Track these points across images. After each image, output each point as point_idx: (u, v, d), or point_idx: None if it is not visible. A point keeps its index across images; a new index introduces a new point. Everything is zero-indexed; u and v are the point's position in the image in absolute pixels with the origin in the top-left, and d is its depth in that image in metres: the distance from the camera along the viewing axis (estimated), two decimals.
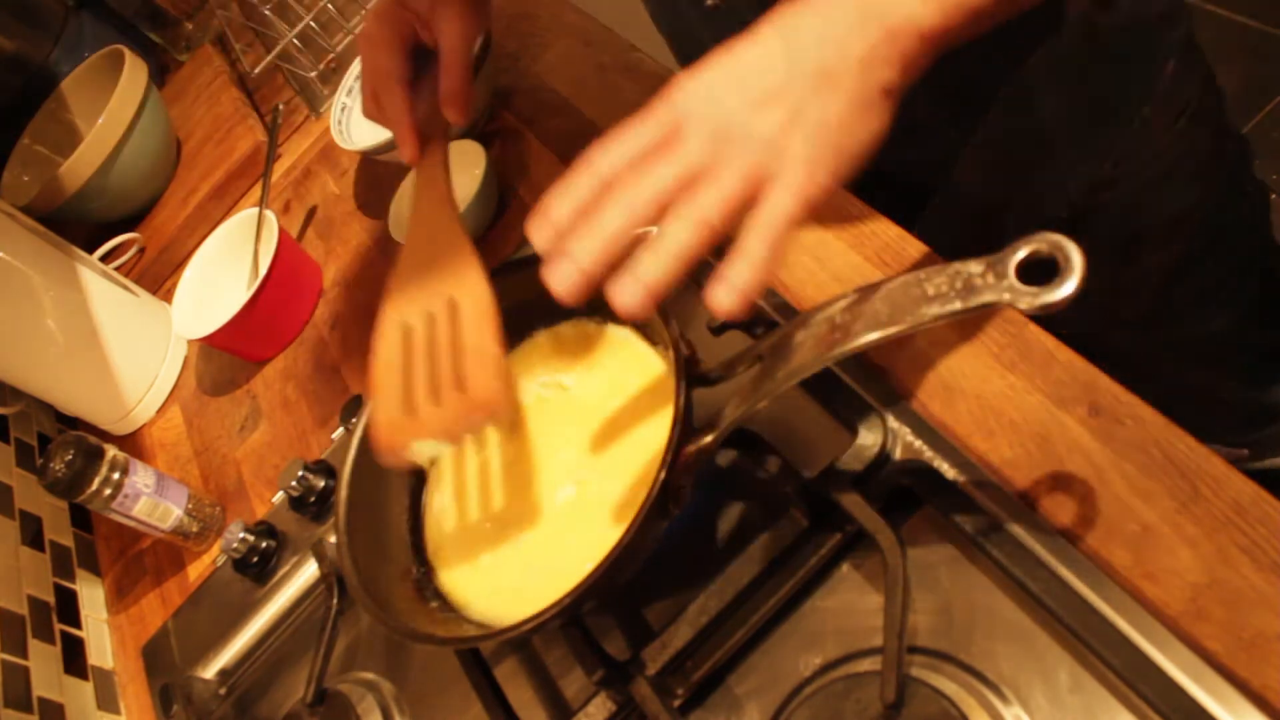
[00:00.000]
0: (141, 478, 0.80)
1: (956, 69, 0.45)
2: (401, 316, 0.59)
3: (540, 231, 0.45)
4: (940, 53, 0.44)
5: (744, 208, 0.42)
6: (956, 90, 0.64)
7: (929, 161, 0.70)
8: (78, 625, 0.88)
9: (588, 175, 0.45)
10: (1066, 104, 0.65)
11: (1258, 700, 0.40)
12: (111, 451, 0.79)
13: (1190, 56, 0.67)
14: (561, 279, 0.44)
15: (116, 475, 0.78)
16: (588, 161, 0.45)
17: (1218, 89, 0.70)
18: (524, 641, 0.60)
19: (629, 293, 0.42)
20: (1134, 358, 0.78)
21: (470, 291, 0.58)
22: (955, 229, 0.71)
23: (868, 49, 0.42)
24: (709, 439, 0.49)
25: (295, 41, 1.11)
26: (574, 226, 0.44)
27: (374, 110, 0.68)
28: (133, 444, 1.01)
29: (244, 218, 0.97)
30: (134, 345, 1.00)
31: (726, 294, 0.41)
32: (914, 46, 0.43)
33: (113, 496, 0.78)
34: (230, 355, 0.97)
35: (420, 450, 0.55)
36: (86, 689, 0.83)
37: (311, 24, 1.10)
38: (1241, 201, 0.75)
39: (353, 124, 0.95)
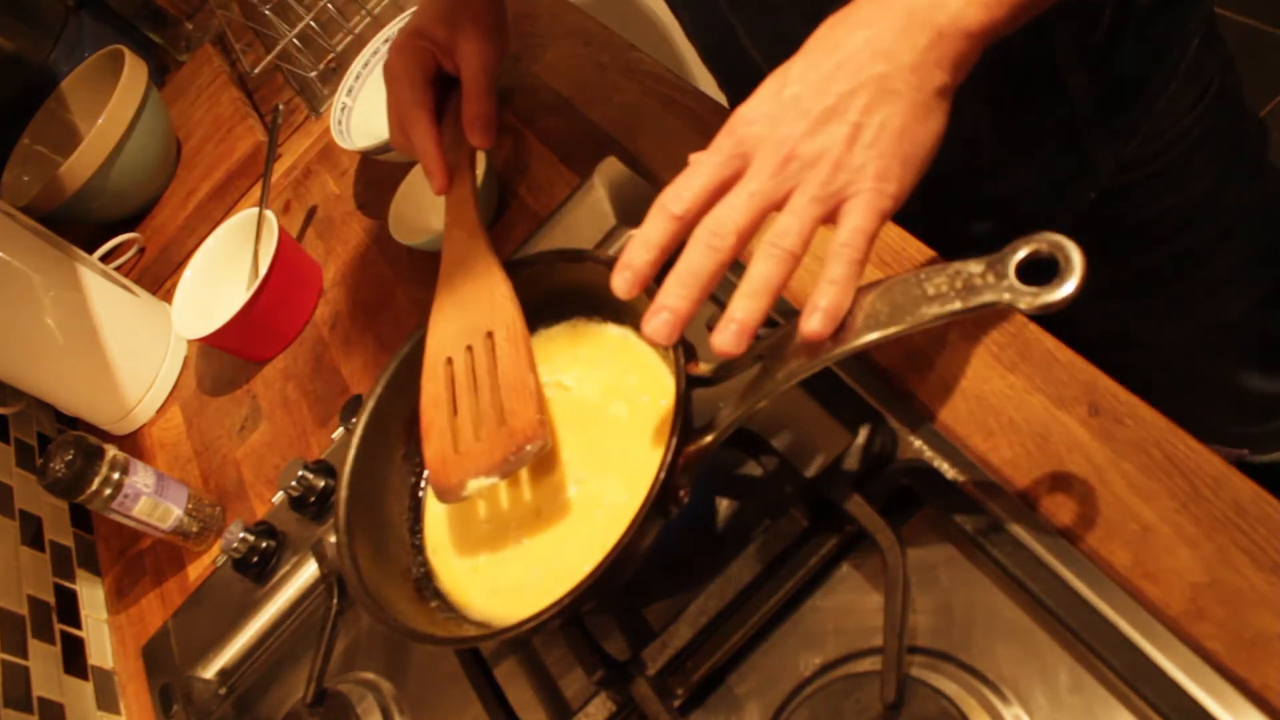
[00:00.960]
0: (141, 478, 0.80)
1: (984, 54, 0.45)
2: (443, 352, 0.61)
3: (625, 283, 0.46)
4: (986, 47, 0.44)
5: (820, 226, 0.44)
6: (985, 74, 0.64)
7: (960, 149, 0.70)
8: (78, 625, 0.88)
9: (663, 219, 0.45)
10: (1094, 82, 0.65)
11: (1258, 700, 0.40)
12: (111, 451, 0.79)
13: (1212, 34, 0.67)
14: (660, 329, 0.45)
15: (116, 475, 0.78)
16: (661, 205, 0.45)
17: (1236, 70, 0.70)
18: (524, 641, 0.60)
19: (731, 336, 0.43)
20: (1149, 345, 0.78)
21: (504, 322, 0.59)
22: (985, 218, 0.71)
23: (918, 54, 0.43)
24: (709, 439, 0.49)
25: (295, 41, 1.11)
26: (654, 271, 0.45)
27: (402, 141, 0.69)
28: (133, 444, 1.01)
29: (244, 218, 0.97)
30: (134, 345, 1.00)
31: (819, 320, 0.42)
32: (963, 46, 0.43)
33: (113, 496, 0.78)
34: (230, 355, 0.97)
35: (474, 486, 0.57)
36: (86, 689, 0.83)
37: (311, 24, 1.10)
38: (1261, 184, 0.75)
39: (353, 124, 0.95)
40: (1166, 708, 0.41)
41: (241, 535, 0.76)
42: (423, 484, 0.64)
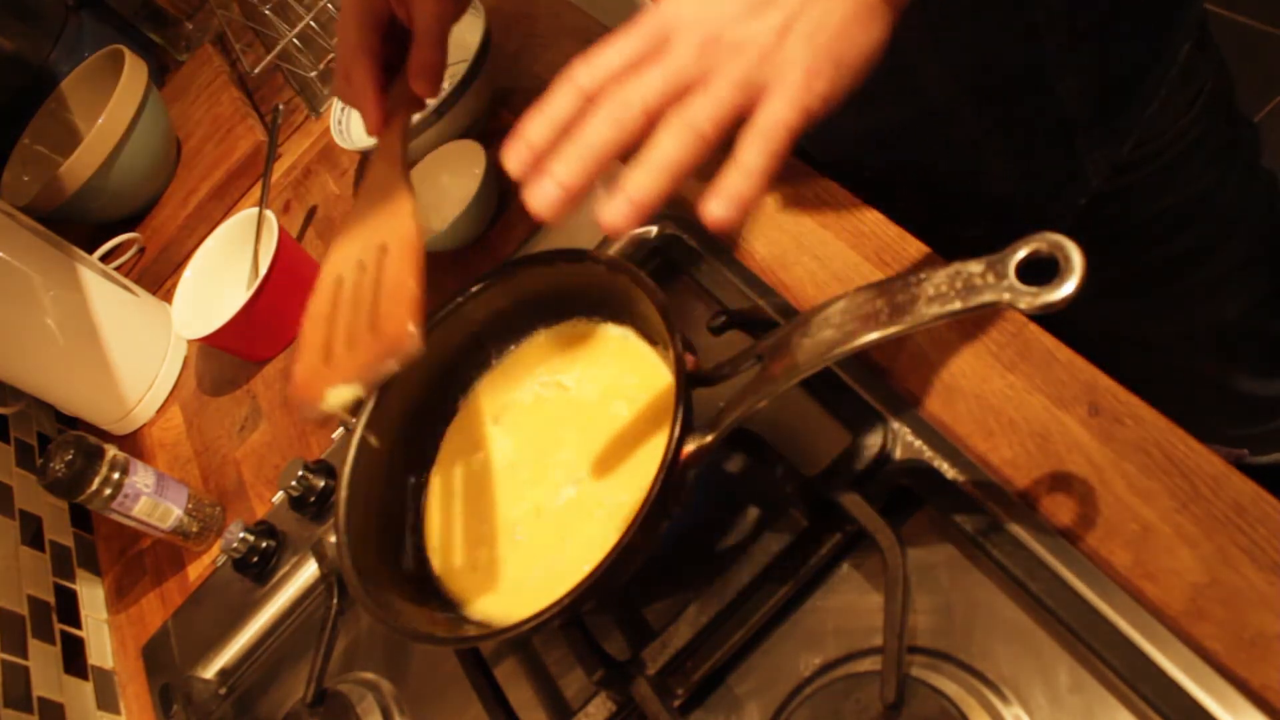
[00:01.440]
0: (141, 478, 0.80)
1: (976, 57, 0.45)
2: (335, 271, 0.58)
3: (517, 154, 0.43)
4: None
5: (738, 118, 0.40)
6: (976, 77, 0.65)
7: (950, 151, 0.70)
8: (78, 625, 0.88)
9: (568, 91, 0.42)
10: (1086, 86, 0.65)
11: (1258, 700, 0.40)
12: (111, 451, 0.79)
13: (1205, 39, 0.68)
14: (541, 197, 0.42)
15: (116, 475, 0.78)
16: (568, 78, 0.42)
17: (1229, 74, 0.70)
18: (524, 641, 0.60)
19: (617, 210, 0.40)
20: (1145, 347, 0.78)
21: (397, 231, 0.57)
22: (976, 222, 0.71)
23: None
24: (709, 439, 0.49)
25: (295, 41, 1.11)
26: (554, 145, 0.42)
27: (344, 88, 0.66)
28: (133, 444, 1.01)
29: (244, 218, 0.97)
30: (134, 345, 1.00)
31: (721, 205, 0.40)
32: None
33: (113, 496, 0.78)
34: (230, 355, 0.97)
35: (333, 398, 0.54)
36: (86, 689, 0.83)
37: (311, 24, 1.10)
38: (1255, 186, 0.75)
39: (353, 124, 0.95)
40: (1166, 708, 0.41)
41: (241, 535, 0.76)
42: (424, 484, 0.64)
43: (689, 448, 0.49)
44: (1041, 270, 0.38)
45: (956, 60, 0.45)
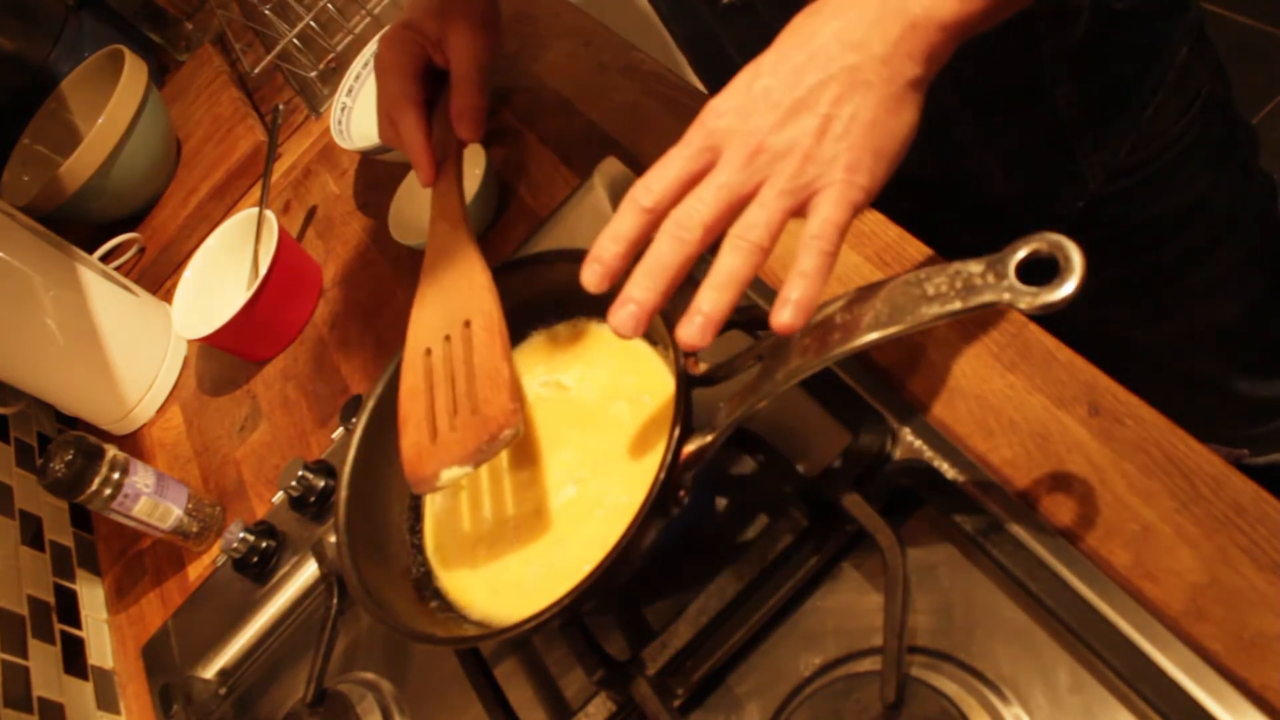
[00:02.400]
0: (141, 478, 0.80)
1: (973, 64, 0.45)
2: (423, 343, 0.61)
3: (593, 275, 0.46)
4: (961, 42, 0.44)
5: (790, 218, 0.43)
6: (973, 85, 0.64)
7: (949, 155, 0.70)
8: (78, 625, 0.88)
9: (632, 211, 0.45)
10: (1082, 92, 0.65)
11: (1258, 700, 0.40)
12: (111, 451, 0.79)
13: (1202, 44, 0.68)
14: (625, 321, 0.44)
15: (116, 475, 0.78)
16: (630, 199, 0.45)
17: (1227, 77, 0.70)
18: (524, 641, 0.60)
19: (696, 329, 0.43)
20: (1143, 349, 0.78)
21: (481, 310, 0.59)
22: (974, 226, 0.71)
23: (890, 46, 0.42)
24: (709, 439, 0.49)
25: (295, 41, 1.11)
26: (624, 265, 0.45)
27: (391, 135, 0.69)
28: (133, 444, 1.01)
29: (244, 218, 0.97)
30: (134, 345, 1.00)
31: (790, 313, 0.42)
32: (936, 38, 0.43)
33: (113, 496, 0.78)
34: (230, 355, 0.97)
35: (447, 476, 0.56)
36: (86, 689, 0.83)
37: (311, 24, 1.10)
38: (1252, 189, 0.75)
39: (353, 124, 0.95)
40: (1166, 708, 0.41)
41: (241, 535, 0.76)
42: None
43: (689, 448, 0.49)
44: (1041, 270, 0.38)
45: (956, 65, 0.45)
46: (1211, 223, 0.72)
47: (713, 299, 0.43)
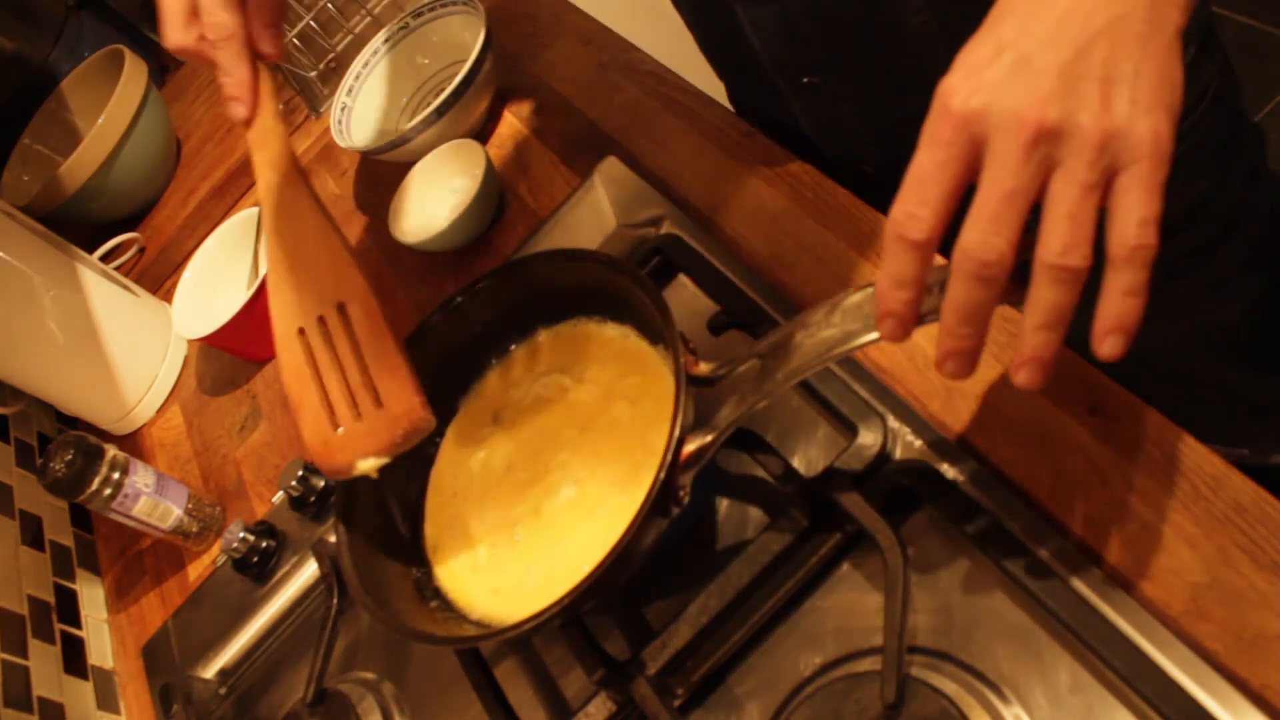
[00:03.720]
0: (141, 478, 0.80)
1: None
2: (292, 320, 0.58)
3: (892, 331, 0.40)
4: None
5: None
6: None
7: None
8: (78, 625, 0.88)
9: (905, 249, 0.38)
10: None
11: (1258, 700, 0.40)
12: (111, 451, 0.79)
13: (1210, 42, 0.67)
14: (959, 371, 0.39)
15: (116, 475, 0.78)
16: (898, 235, 0.38)
17: (1235, 77, 0.70)
18: (524, 641, 0.60)
19: (1036, 375, 0.37)
20: (1144, 348, 0.78)
21: (354, 292, 0.57)
22: None
23: None
24: (709, 439, 0.49)
25: (295, 41, 1.11)
26: (919, 306, 0.39)
27: (183, 37, 0.55)
28: (133, 444, 1.01)
29: (244, 218, 0.97)
30: (134, 345, 1.00)
31: (1116, 344, 0.36)
32: None
33: (113, 496, 0.78)
34: (230, 355, 0.97)
35: (363, 465, 0.56)
36: (86, 689, 0.83)
37: (311, 24, 1.10)
38: (1257, 188, 0.75)
39: (353, 124, 0.95)
40: (1166, 708, 0.41)
41: (241, 535, 0.76)
42: (424, 483, 0.64)
43: (688, 448, 0.49)
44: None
45: None
46: (1215, 222, 0.72)
47: (1046, 341, 0.37)
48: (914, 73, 0.63)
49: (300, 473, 0.74)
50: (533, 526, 0.58)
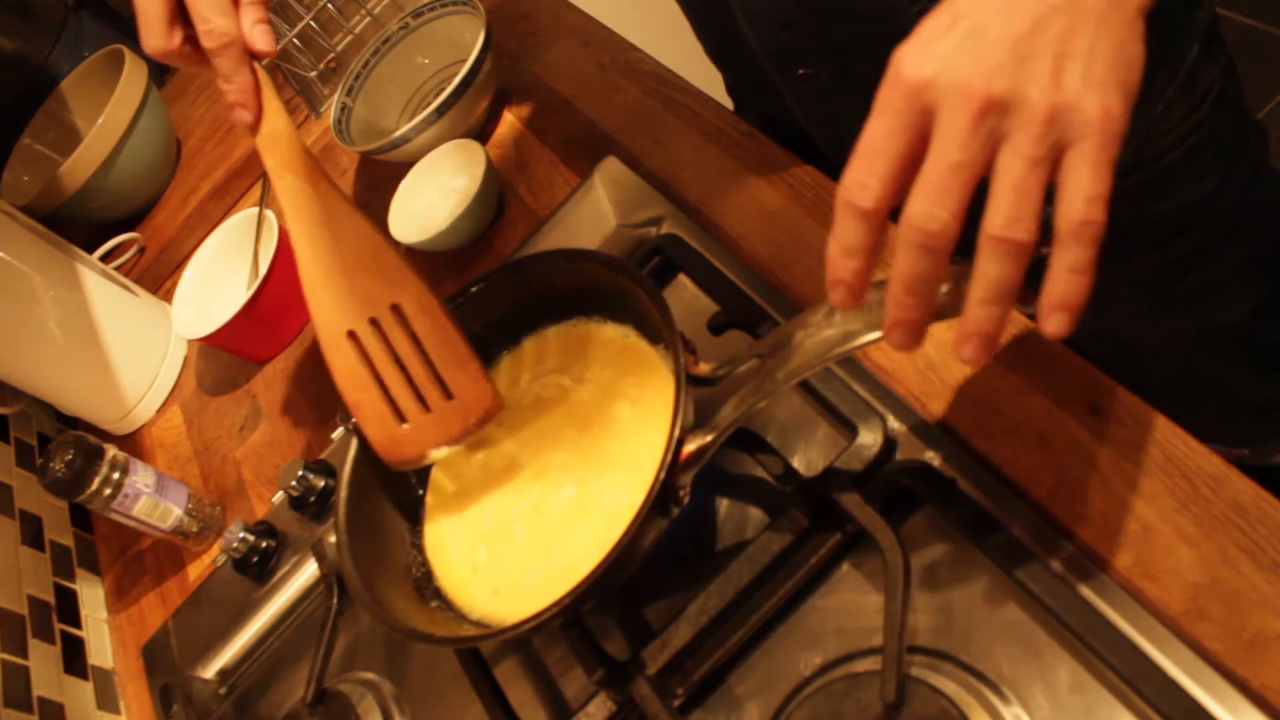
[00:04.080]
0: (141, 478, 0.80)
1: None
2: (339, 324, 0.57)
3: (842, 298, 0.40)
4: None
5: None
6: None
7: None
8: (78, 625, 0.88)
9: (854, 217, 0.38)
10: None
11: (1258, 700, 0.40)
12: (111, 451, 0.79)
13: (1214, 43, 0.67)
14: (904, 342, 0.39)
15: (116, 475, 0.78)
16: (846, 202, 0.38)
17: (1238, 77, 0.70)
18: (524, 641, 0.60)
19: (976, 349, 0.37)
20: (1147, 347, 0.78)
21: (410, 294, 0.57)
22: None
23: None
24: (709, 439, 0.49)
25: (295, 41, 1.11)
26: (869, 274, 0.39)
27: (168, 42, 0.54)
28: (133, 444, 1.01)
29: (244, 217, 0.97)
30: (134, 345, 1.00)
31: (1062, 321, 0.36)
32: None
33: (113, 496, 0.78)
34: (230, 355, 0.97)
35: (435, 455, 0.58)
36: (86, 689, 0.83)
37: (311, 24, 1.10)
38: (1260, 188, 0.75)
39: (353, 124, 0.95)
40: (1166, 708, 0.41)
41: (241, 535, 0.76)
42: (424, 483, 0.64)
43: (688, 448, 0.49)
44: (1042, 268, 0.38)
45: None
46: (1218, 222, 0.72)
47: (989, 314, 0.37)
48: None
49: (300, 473, 0.74)
50: (533, 526, 0.58)
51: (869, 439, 0.52)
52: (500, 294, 0.63)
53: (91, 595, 0.92)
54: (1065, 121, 0.35)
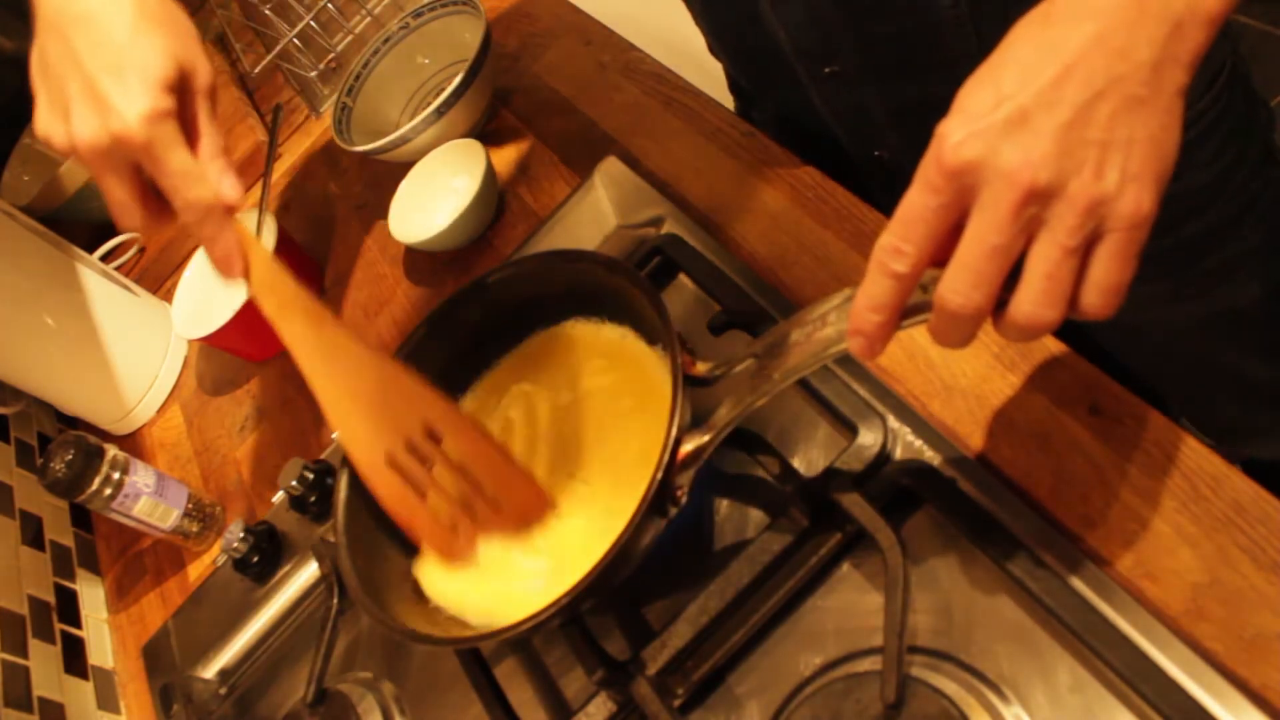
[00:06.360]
0: (141, 478, 0.80)
1: (1007, 29, 0.43)
2: (374, 452, 0.57)
3: (861, 349, 0.41)
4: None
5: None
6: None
7: None
8: (78, 625, 0.88)
9: (886, 277, 0.39)
10: None
11: (1258, 700, 0.40)
12: (111, 451, 0.79)
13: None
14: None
15: (116, 475, 0.78)
16: (881, 262, 0.39)
17: (1243, 53, 0.70)
18: (524, 641, 0.60)
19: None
20: (1158, 331, 0.78)
21: (444, 420, 0.58)
22: None
23: (1158, 50, 0.36)
24: (707, 438, 0.49)
25: (295, 41, 1.11)
26: (891, 331, 0.41)
27: (139, 217, 0.54)
28: (133, 444, 1.01)
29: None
30: (134, 345, 1.00)
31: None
32: (1201, 36, 0.37)
33: (113, 496, 0.78)
34: (230, 355, 0.97)
35: (486, 547, 0.59)
36: (87, 689, 0.83)
37: (311, 24, 1.10)
38: (1272, 169, 0.75)
39: (353, 124, 0.95)
40: (1166, 708, 0.41)
41: (241, 535, 0.76)
42: None
43: (686, 447, 0.49)
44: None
45: (991, 36, 0.43)
46: (1231, 203, 0.72)
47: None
48: (941, 55, 0.63)
49: (300, 473, 0.74)
50: (533, 526, 0.58)
51: (869, 439, 0.52)
52: (500, 294, 0.63)
53: (92, 595, 0.92)
54: (1102, 214, 0.36)
